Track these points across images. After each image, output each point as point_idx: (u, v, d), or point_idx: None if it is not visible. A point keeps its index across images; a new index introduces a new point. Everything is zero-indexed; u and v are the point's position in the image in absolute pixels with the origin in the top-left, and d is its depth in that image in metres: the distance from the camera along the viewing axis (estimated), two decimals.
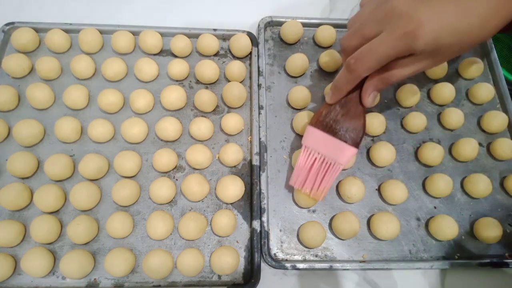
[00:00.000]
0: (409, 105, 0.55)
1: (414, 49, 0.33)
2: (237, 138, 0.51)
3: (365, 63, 0.35)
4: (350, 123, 0.41)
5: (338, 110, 0.42)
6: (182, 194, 0.47)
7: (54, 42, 0.53)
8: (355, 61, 0.36)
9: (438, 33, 0.32)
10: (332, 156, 0.42)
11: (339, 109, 0.42)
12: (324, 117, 0.42)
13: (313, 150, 0.43)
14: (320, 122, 0.43)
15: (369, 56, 0.35)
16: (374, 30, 0.35)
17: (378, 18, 0.34)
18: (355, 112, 0.41)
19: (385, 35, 0.33)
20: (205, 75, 0.52)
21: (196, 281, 0.43)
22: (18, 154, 0.46)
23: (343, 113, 0.42)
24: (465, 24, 0.32)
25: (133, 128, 0.48)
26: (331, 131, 0.42)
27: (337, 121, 0.42)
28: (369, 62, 0.35)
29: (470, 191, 0.49)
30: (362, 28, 0.36)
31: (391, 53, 0.34)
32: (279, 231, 0.47)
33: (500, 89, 0.56)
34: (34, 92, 0.49)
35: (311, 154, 0.43)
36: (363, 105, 0.41)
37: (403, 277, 0.46)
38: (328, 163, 0.42)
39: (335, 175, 0.42)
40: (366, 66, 0.36)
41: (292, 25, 0.56)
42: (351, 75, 0.38)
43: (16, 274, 0.42)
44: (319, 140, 0.43)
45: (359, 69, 0.36)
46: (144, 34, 0.54)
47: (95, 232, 0.44)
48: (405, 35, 0.32)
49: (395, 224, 0.45)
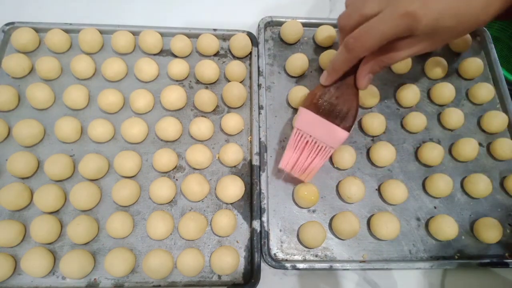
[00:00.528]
0: (409, 105, 0.55)
1: (415, 30, 0.32)
2: (237, 138, 0.51)
3: (365, 42, 0.34)
4: (343, 106, 0.41)
5: (332, 92, 0.41)
6: (182, 194, 0.47)
7: (54, 42, 0.53)
8: (354, 40, 0.35)
9: (440, 14, 0.32)
10: (324, 139, 0.42)
11: (333, 91, 0.41)
12: (317, 99, 0.41)
13: (304, 132, 0.42)
14: (313, 104, 0.42)
15: (369, 35, 0.34)
16: (375, 9, 0.34)
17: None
18: (349, 95, 0.41)
19: (386, 14, 0.33)
20: (205, 75, 0.52)
21: (196, 281, 0.43)
22: (18, 154, 0.46)
23: (337, 96, 0.41)
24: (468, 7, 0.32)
25: (133, 128, 0.48)
26: (324, 114, 0.41)
27: (331, 103, 0.41)
28: (369, 42, 0.34)
29: (470, 191, 0.49)
30: (361, 7, 0.35)
31: (391, 32, 0.33)
32: (279, 231, 0.47)
33: (500, 89, 0.56)
34: (34, 92, 0.49)
35: (302, 137, 0.43)
36: (358, 88, 0.40)
37: (403, 277, 0.46)
38: (320, 146, 0.42)
39: (325, 158, 0.42)
40: (366, 46, 0.35)
41: (292, 25, 0.56)
42: (350, 55, 0.36)
43: (16, 274, 0.42)
44: (311, 122, 0.42)
45: (358, 49, 0.35)
46: (144, 34, 0.54)
47: (95, 232, 0.44)
48: (407, 15, 0.31)
49: (395, 224, 0.45)
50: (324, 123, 0.41)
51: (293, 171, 0.44)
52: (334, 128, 0.41)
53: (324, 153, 0.42)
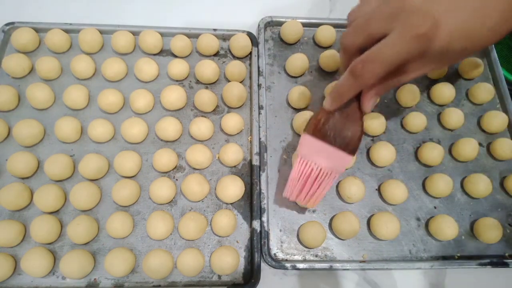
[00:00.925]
0: (409, 105, 0.55)
1: (427, 52, 0.30)
2: (237, 138, 0.51)
3: (374, 69, 0.31)
4: (348, 131, 0.39)
5: (336, 117, 0.39)
6: (182, 194, 0.47)
7: (54, 42, 0.53)
8: (362, 66, 0.32)
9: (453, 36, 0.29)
10: (329, 165, 0.40)
11: (338, 116, 0.39)
12: (322, 125, 0.39)
13: (309, 159, 0.41)
14: (318, 131, 0.40)
15: (379, 61, 0.31)
16: (382, 28, 0.31)
17: (387, 14, 0.30)
18: (354, 118, 0.39)
19: (396, 36, 0.29)
20: (205, 75, 0.52)
21: (196, 281, 0.43)
22: (18, 154, 0.46)
23: (341, 121, 0.39)
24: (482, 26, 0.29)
25: (133, 128, 0.48)
26: (329, 140, 0.39)
27: (336, 129, 0.39)
28: (378, 68, 0.31)
29: (470, 191, 0.49)
30: (367, 25, 0.32)
31: (402, 57, 0.30)
32: (279, 231, 0.47)
33: (500, 89, 0.56)
34: (34, 92, 0.49)
35: (307, 165, 0.41)
36: (363, 112, 0.39)
37: (403, 277, 0.46)
38: (325, 172, 0.41)
39: (331, 183, 0.41)
40: (374, 72, 0.31)
41: (292, 25, 0.56)
42: (357, 82, 0.33)
43: (16, 274, 0.42)
44: (316, 149, 0.40)
45: (367, 76, 0.32)
46: (144, 34, 0.54)
47: (95, 232, 0.44)
48: (419, 37, 0.29)
49: (395, 224, 0.45)
50: (329, 149, 0.39)
51: (298, 200, 0.43)
52: (339, 154, 0.39)
53: (329, 180, 0.41)
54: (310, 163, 0.41)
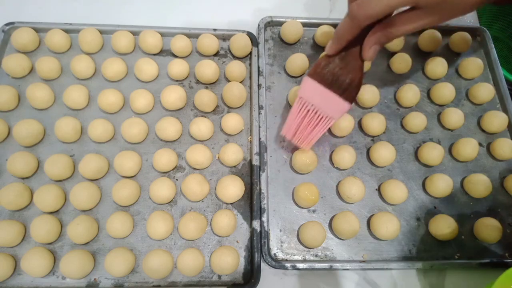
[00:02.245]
0: (409, 105, 0.55)
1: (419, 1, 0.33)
2: (237, 138, 0.51)
3: (368, 10, 0.34)
4: (347, 76, 0.40)
5: (337, 62, 0.40)
6: (182, 194, 0.47)
7: (54, 42, 0.53)
8: (358, 7, 0.35)
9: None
10: (325, 109, 0.42)
11: (338, 61, 0.40)
12: (322, 69, 0.41)
13: (307, 101, 0.42)
14: (317, 73, 0.41)
15: (372, 2, 0.34)
16: None
17: None
18: (354, 66, 0.40)
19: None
20: (205, 75, 0.52)
21: (196, 281, 0.43)
22: (18, 154, 0.46)
23: (341, 66, 0.40)
24: None
25: (133, 128, 0.48)
26: (328, 84, 0.40)
27: (335, 73, 0.40)
28: (372, 9, 0.34)
29: (470, 191, 0.49)
30: None
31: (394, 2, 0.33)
32: (279, 231, 0.47)
33: (500, 89, 0.56)
34: (34, 92, 0.49)
35: (304, 105, 0.43)
36: (363, 58, 0.40)
37: (403, 277, 0.46)
38: (320, 115, 0.42)
39: (325, 128, 0.43)
40: (368, 13, 0.35)
41: (292, 25, 0.56)
42: (352, 22, 0.36)
43: (16, 274, 0.42)
44: (314, 91, 0.41)
45: (361, 16, 0.35)
46: (144, 34, 0.54)
47: (95, 232, 0.44)
48: None
49: (395, 224, 0.45)
50: (326, 93, 0.40)
51: (294, 139, 0.45)
52: (335, 98, 0.40)
53: (324, 123, 0.42)
54: (307, 104, 0.42)
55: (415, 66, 0.57)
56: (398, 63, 0.56)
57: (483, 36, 0.60)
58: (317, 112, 0.42)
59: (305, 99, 0.42)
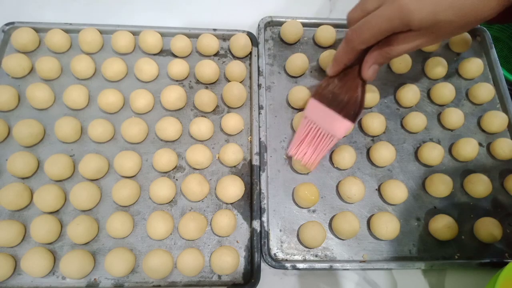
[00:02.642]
0: (409, 105, 0.55)
1: (410, 24, 0.33)
2: (237, 138, 0.51)
3: (361, 35, 0.36)
4: (345, 95, 0.42)
5: (336, 82, 0.43)
6: (182, 194, 0.47)
7: (54, 42, 0.53)
8: (352, 32, 0.37)
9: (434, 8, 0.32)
10: (327, 128, 0.43)
11: (337, 82, 0.43)
12: (323, 89, 0.44)
13: (311, 121, 0.45)
14: (319, 94, 0.44)
15: (365, 28, 0.36)
16: (375, 3, 0.35)
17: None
18: (351, 85, 0.42)
19: (383, 8, 0.34)
20: (205, 75, 0.52)
21: (196, 281, 0.43)
22: (18, 154, 0.46)
23: (340, 86, 0.43)
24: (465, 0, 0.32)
25: (133, 128, 0.48)
26: (328, 102, 0.43)
27: (334, 93, 0.43)
28: (365, 35, 0.36)
29: (470, 191, 0.49)
30: (364, 2, 0.37)
31: (386, 27, 0.34)
32: (279, 231, 0.47)
33: (500, 89, 0.56)
34: (34, 92, 0.49)
35: (309, 125, 0.45)
36: (363, 77, 0.41)
37: (403, 277, 0.46)
38: (324, 134, 0.44)
39: (328, 147, 0.44)
40: (361, 38, 0.37)
41: (292, 25, 0.56)
42: (348, 46, 0.39)
43: (16, 274, 0.42)
44: (317, 111, 0.44)
45: (355, 41, 0.37)
46: (144, 34, 0.54)
47: (95, 232, 0.44)
48: (400, 9, 0.33)
49: (395, 224, 0.45)
50: (327, 112, 0.43)
51: (299, 158, 0.46)
52: (335, 116, 0.42)
53: (327, 142, 0.44)
54: (312, 123, 0.45)
55: (415, 66, 0.57)
56: (398, 63, 0.56)
57: (483, 36, 0.60)
58: (320, 131, 0.44)
59: (309, 119, 0.45)
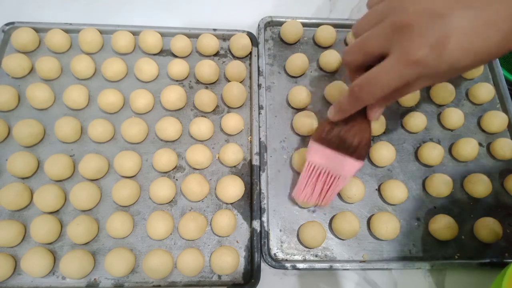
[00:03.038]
0: (409, 105, 0.55)
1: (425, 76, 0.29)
2: (237, 138, 0.51)
3: (370, 93, 0.32)
4: (354, 138, 0.40)
5: (341, 126, 0.40)
6: (182, 194, 0.47)
7: (54, 42, 0.53)
8: (360, 89, 0.33)
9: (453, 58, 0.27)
10: (337, 170, 0.41)
11: (342, 125, 0.40)
12: (326, 134, 0.41)
13: (317, 165, 0.42)
14: (323, 138, 0.41)
15: (374, 86, 0.31)
16: (380, 47, 0.31)
17: (384, 33, 0.30)
18: (360, 127, 0.40)
19: (391, 62, 0.29)
20: (205, 75, 0.52)
21: (196, 281, 0.43)
22: (18, 154, 0.46)
23: (346, 129, 0.40)
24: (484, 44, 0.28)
25: (133, 128, 0.48)
26: (335, 147, 0.41)
27: (341, 136, 0.40)
28: (374, 93, 0.32)
29: (470, 191, 0.49)
30: (366, 43, 0.32)
31: (397, 83, 0.30)
32: (279, 231, 0.46)
33: (500, 89, 0.56)
34: (34, 92, 0.49)
35: (315, 169, 0.42)
36: (370, 119, 0.39)
37: (403, 277, 0.46)
38: (333, 176, 0.42)
39: (341, 185, 0.42)
40: (371, 96, 0.32)
41: (292, 25, 0.56)
42: (356, 102, 0.35)
43: (16, 274, 0.42)
44: (323, 155, 0.41)
45: (364, 98, 0.33)
46: (144, 34, 0.54)
47: (95, 232, 0.44)
48: (415, 64, 0.28)
49: (395, 224, 0.45)
50: (335, 155, 0.41)
51: (309, 201, 0.44)
52: (346, 159, 0.40)
53: (338, 183, 0.42)
54: (317, 167, 0.42)
55: None
56: None
57: None
58: (329, 173, 0.42)
59: (314, 163, 0.42)
